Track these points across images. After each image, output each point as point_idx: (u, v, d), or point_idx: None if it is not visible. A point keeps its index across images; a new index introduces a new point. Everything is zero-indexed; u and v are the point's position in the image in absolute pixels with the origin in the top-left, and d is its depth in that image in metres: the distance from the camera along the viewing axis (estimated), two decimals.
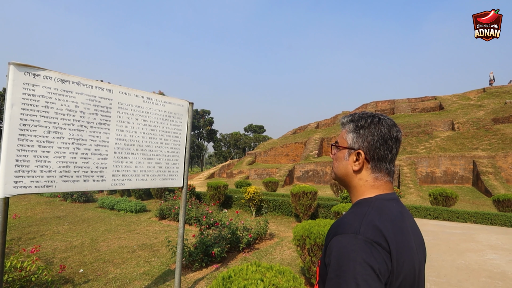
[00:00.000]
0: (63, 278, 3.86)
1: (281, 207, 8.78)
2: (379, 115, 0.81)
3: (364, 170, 0.79)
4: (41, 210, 9.29)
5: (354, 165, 0.80)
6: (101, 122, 2.67)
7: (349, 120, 0.84)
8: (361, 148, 0.79)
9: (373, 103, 31.85)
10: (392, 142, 0.78)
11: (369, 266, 0.61)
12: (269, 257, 4.87)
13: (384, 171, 0.79)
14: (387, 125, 0.79)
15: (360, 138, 0.79)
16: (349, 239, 0.65)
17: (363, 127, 0.80)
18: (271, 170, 21.67)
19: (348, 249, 0.64)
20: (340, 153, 0.85)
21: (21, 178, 2.17)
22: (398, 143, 0.80)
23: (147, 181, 3.04)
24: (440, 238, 5.88)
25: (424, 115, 23.15)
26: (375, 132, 0.78)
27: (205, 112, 50.47)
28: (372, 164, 0.78)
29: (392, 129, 0.79)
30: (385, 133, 0.78)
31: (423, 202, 11.86)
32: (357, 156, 0.79)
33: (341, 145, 0.84)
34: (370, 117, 0.81)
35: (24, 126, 2.20)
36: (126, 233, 6.44)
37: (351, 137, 0.81)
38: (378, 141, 0.77)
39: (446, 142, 17.97)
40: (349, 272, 0.61)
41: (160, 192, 11.31)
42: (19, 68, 2.17)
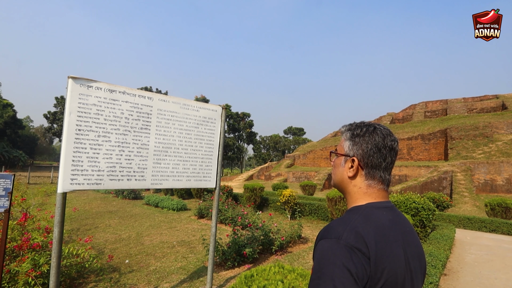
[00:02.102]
0: (111, 267, 4.29)
1: (317, 211, 8.63)
2: (375, 125, 0.85)
3: (358, 177, 0.83)
4: (97, 205, 10.35)
5: (349, 172, 0.84)
6: (143, 127, 2.95)
7: (347, 128, 0.89)
8: (356, 155, 0.83)
9: (423, 103, 29.62)
10: (386, 151, 0.82)
11: (347, 270, 0.64)
12: (301, 261, 4.85)
13: (377, 179, 0.82)
14: (381, 134, 0.82)
15: (355, 145, 0.84)
16: (331, 244, 0.69)
17: (359, 136, 0.84)
18: (310, 173, 21.33)
19: (329, 253, 0.68)
20: (338, 159, 0.90)
21: (76, 176, 2.51)
22: (393, 152, 0.83)
23: (182, 181, 3.27)
24: (495, 254, 5.29)
25: (483, 116, 20.85)
26: (369, 141, 0.82)
27: (245, 114, 51.45)
28: (366, 171, 0.82)
29: (386, 138, 0.82)
30: (378, 141, 0.81)
31: (479, 212, 10.71)
32: (352, 162, 0.83)
33: (339, 152, 0.89)
34: (366, 126, 0.85)
35: (79, 131, 2.54)
36: (167, 229, 6.90)
37: (347, 145, 0.86)
38: (372, 149, 0.81)
39: (509, 146, 15.98)
40: (328, 274, 0.65)
41: (200, 192, 11.84)
42: (75, 80, 2.51)
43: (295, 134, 56.09)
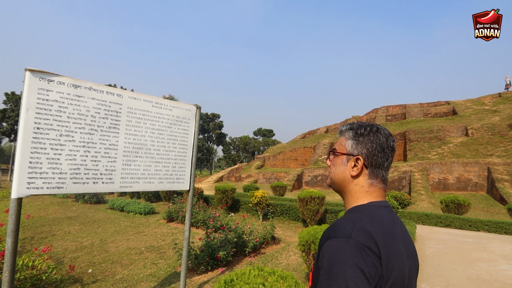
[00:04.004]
0: (72, 278, 3.95)
1: (288, 211, 8.74)
2: (377, 125, 0.86)
3: (361, 176, 0.83)
4: (54, 211, 9.54)
5: (352, 171, 0.83)
6: (111, 126, 2.75)
7: (348, 128, 0.89)
8: (360, 154, 0.83)
9: (384, 107, 31.45)
10: (388, 150, 0.83)
11: (360, 270, 0.62)
12: (274, 262, 4.86)
13: (380, 178, 0.83)
14: (384, 135, 0.84)
15: (359, 145, 0.83)
16: (341, 243, 0.67)
17: (363, 135, 0.84)
18: (280, 175, 21.61)
19: (340, 253, 0.66)
20: (338, 159, 0.88)
21: (33, 179, 2.26)
22: (393, 152, 0.85)
23: (154, 184, 3.10)
24: (451, 247, 5.74)
25: (436, 120, 22.68)
26: (374, 140, 0.82)
27: (214, 115, 50.87)
28: (370, 170, 0.82)
29: (389, 138, 0.84)
30: (382, 141, 0.82)
31: (435, 209, 11.59)
32: (356, 162, 0.83)
33: (340, 151, 0.88)
34: (369, 126, 0.85)
35: (38, 130, 2.29)
36: (134, 234, 6.54)
37: (350, 144, 0.85)
38: (376, 148, 0.82)
39: (459, 148, 17.54)
40: (340, 274, 0.63)
41: (169, 194, 11.44)
42: (34, 74, 2.27)
43: (265, 136, 56.57)
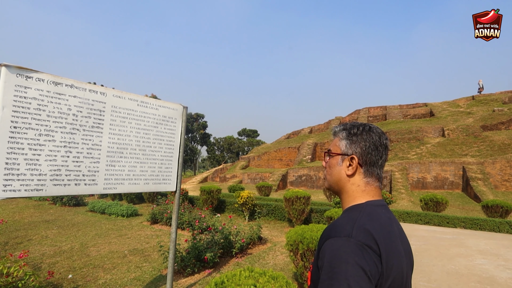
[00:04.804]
0: (51, 284, 3.77)
1: (274, 211, 8.77)
2: (369, 125, 0.87)
3: (357, 175, 0.83)
4: (29, 214, 9.09)
5: (348, 170, 0.84)
6: (94, 125, 2.65)
7: (342, 128, 0.89)
8: (355, 154, 0.83)
9: (366, 109, 32.24)
10: (382, 148, 0.84)
11: (361, 268, 0.63)
12: (262, 262, 4.85)
13: (375, 176, 0.83)
14: (377, 133, 0.85)
15: (353, 144, 0.84)
16: (342, 242, 0.67)
17: (356, 134, 0.85)
18: (265, 175, 21.66)
19: (341, 252, 0.66)
20: (333, 159, 0.89)
21: (10, 181, 2.13)
22: (386, 150, 0.86)
23: (140, 185, 3.01)
24: (430, 243, 5.95)
25: (415, 122, 23.52)
26: (367, 139, 0.83)
27: (199, 115, 50.31)
28: (365, 169, 0.83)
29: (381, 136, 0.85)
30: (376, 140, 0.83)
31: (414, 207, 12.00)
32: (351, 161, 0.84)
33: (334, 152, 0.88)
34: (362, 125, 0.86)
35: (15, 129, 2.17)
36: (117, 237, 6.34)
37: (344, 144, 0.86)
38: (370, 146, 0.83)
39: (436, 148, 18.27)
40: (341, 273, 0.62)
41: (153, 196, 11.19)
42: (11, 69, 2.14)
43: (249, 136, 56.55)
